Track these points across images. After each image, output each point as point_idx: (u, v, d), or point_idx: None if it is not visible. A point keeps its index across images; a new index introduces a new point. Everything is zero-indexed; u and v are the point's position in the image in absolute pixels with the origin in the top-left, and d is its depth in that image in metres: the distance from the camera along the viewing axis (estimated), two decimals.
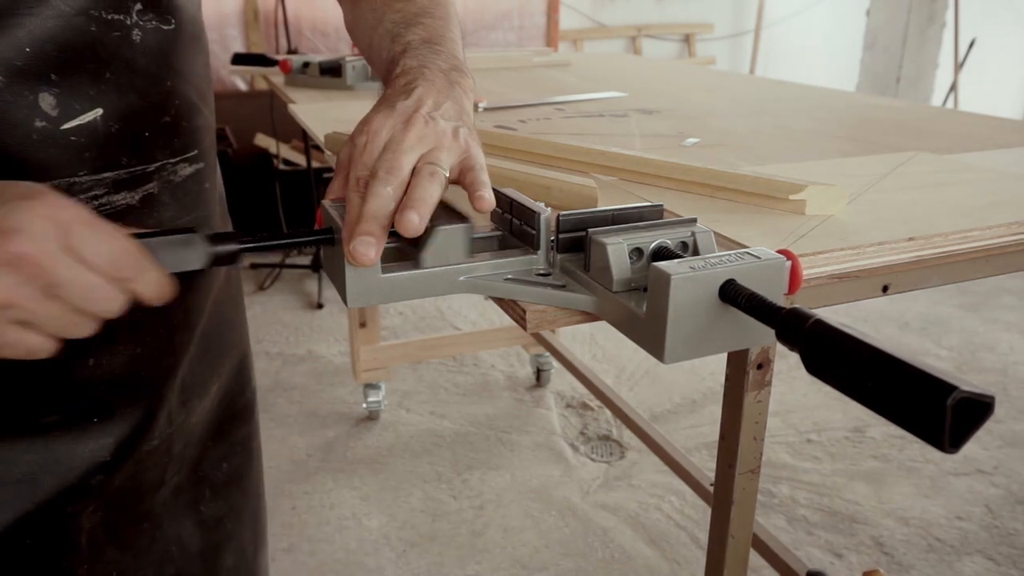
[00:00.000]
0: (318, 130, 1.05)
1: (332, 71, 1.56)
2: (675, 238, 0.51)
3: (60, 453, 0.61)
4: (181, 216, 0.66)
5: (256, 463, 0.86)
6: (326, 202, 0.55)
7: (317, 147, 2.91)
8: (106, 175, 0.59)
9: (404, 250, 0.55)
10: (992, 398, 0.32)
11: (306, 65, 1.61)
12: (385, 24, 0.71)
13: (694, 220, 0.52)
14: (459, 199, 0.56)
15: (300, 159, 3.19)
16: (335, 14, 3.78)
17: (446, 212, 0.54)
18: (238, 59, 2.55)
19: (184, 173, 0.67)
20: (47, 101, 0.54)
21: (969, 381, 0.32)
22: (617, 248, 0.49)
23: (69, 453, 0.62)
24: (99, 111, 0.57)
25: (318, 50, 3.49)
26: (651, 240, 0.50)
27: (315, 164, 3.05)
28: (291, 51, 3.19)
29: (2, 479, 0.59)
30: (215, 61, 3.33)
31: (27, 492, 0.60)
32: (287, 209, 3.10)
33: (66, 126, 0.55)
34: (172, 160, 0.65)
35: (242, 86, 3.49)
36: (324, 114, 1.22)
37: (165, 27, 0.61)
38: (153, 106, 0.62)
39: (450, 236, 0.52)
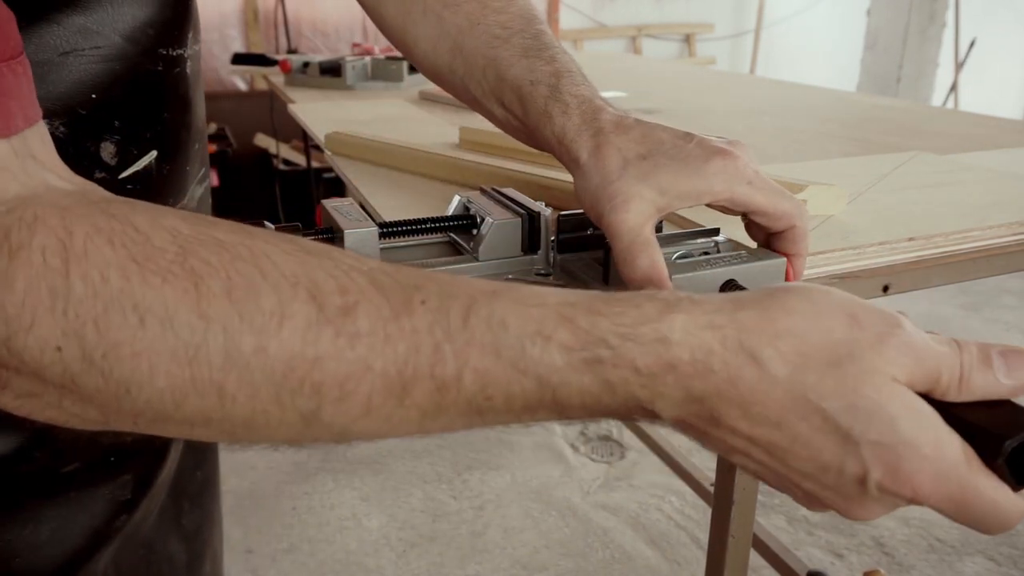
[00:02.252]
0: (318, 130, 1.05)
1: (332, 71, 1.55)
2: (699, 248, 0.51)
3: (83, 501, 0.57)
4: None
5: (218, 464, 0.84)
6: (326, 202, 0.55)
7: (317, 147, 2.91)
8: None
9: (456, 244, 0.55)
10: None
11: (306, 65, 1.61)
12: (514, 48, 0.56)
13: (717, 230, 0.53)
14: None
15: (300, 159, 3.18)
16: (335, 14, 3.77)
17: (502, 205, 0.54)
18: (238, 59, 2.55)
19: (198, 195, 0.63)
20: (108, 150, 0.49)
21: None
22: None
23: (93, 498, 0.57)
24: (154, 153, 0.52)
25: (318, 50, 3.49)
26: (674, 251, 0.50)
27: (315, 164, 3.05)
28: (291, 51, 3.19)
29: (31, 543, 0.54)
30: (215, 61, 3.33)
31: (57, 551, 0.56)
32: (287, 209, 3.10)
33: (125, 174, 0.50)
34: (195, 185, 0.61)
35: (242, 86, 3.49)
36: (324, 114, 1.22)
37: (197, 47, 0.57)
38: (193, 137, 0.57)
39: (504, 229, 0.52)
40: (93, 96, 0.47)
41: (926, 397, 0.32)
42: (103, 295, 0.28)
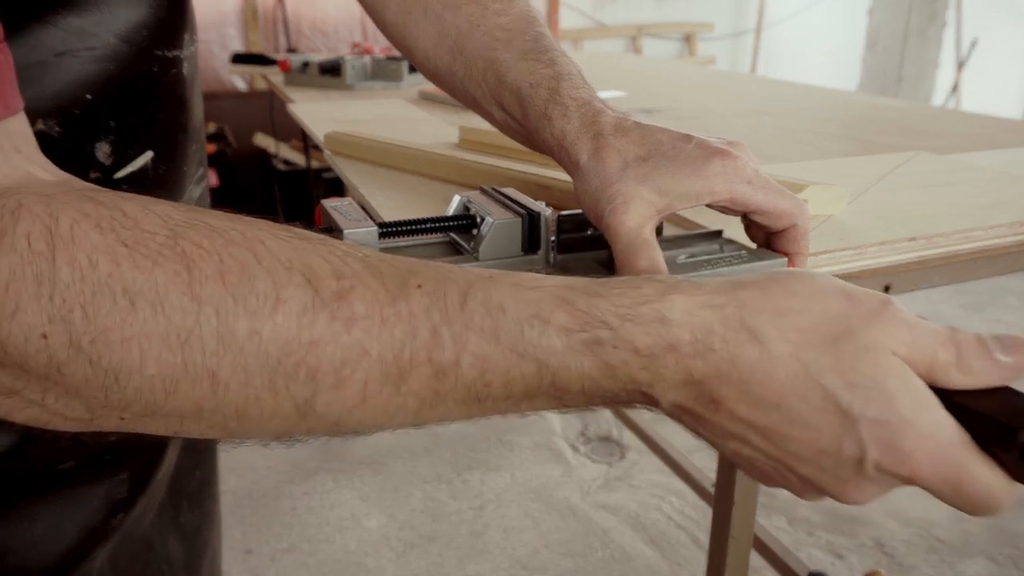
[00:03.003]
0: (318, 130, 1.05)
1: (332, 70, 1.55)
2: (703, 252, 0.51)
3: (80, 497, 0.56)
4: None
5: (217, 464, 0.84)
6: (326, 202, 0.55)
7: (316, 147, 2.91)
8: None
9: (457, 243, 0.54)
10: None
11: (306, 65, 1.61)
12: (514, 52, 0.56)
13: (719, 233, 0.52)
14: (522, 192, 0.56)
15: (299, 159, 3.18)
16: (335, 13, 3.77)
17: (502, 205, 0.54)
18: (238, 59, 2.55)
19: (195, 196, 0.62)
20: (103, 150, 0.48)
21: None
22: None
23: (88, 495, 0.57)
24: (150, 154, 0.52)
25: (317, 49, 3.49)
26: (677, 255, 0.50)
27: (314, 164, 3.05)
28: (290, 50, 3.20)
29: (26, 540, 0.54)
30: (214, 61, 3.33)
31: (51, 548, 0.56)
32: (286, 209, 3.10)
33: (120, 174, 0.50)
34: (192, 185, 0.60)
35: (241, 86, 3.49)
36: (324, 114, 1.22)
37: (193, 48, 0.57)
38: (190, 137, 0.57)
39: (504, 229, 0.52)
40: (88, 96, 0.47)
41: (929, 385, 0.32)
42: (91, 280, 0.27)
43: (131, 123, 0.50)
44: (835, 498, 0.32)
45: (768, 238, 0.49)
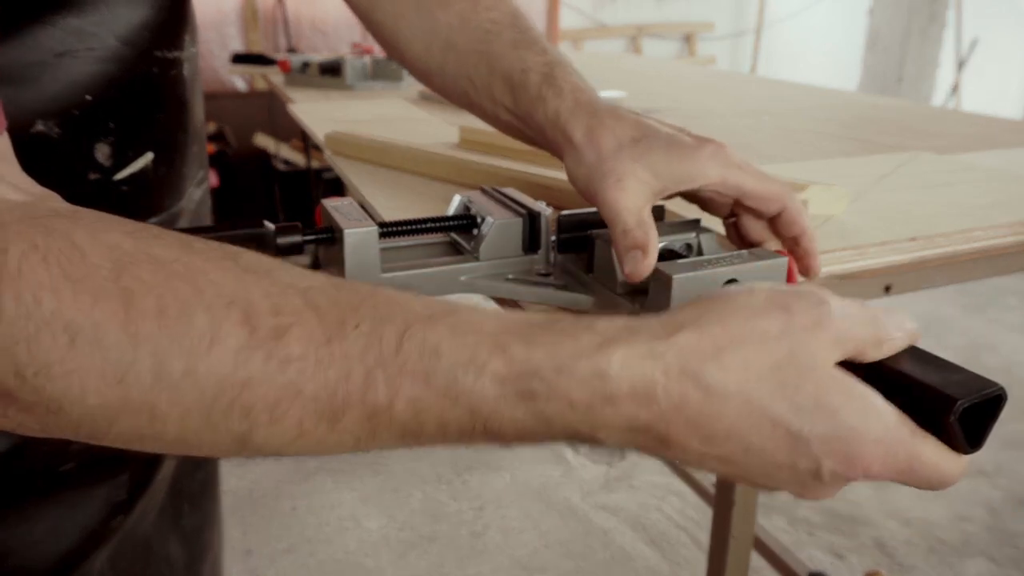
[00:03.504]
0: (318, 129, 1.05)
1: (332, 70, 1.55)
2: (679, 240, 0.51)
3: (80, 499, 0.57)
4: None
5: (218, 466, 0.84)
6: (326, 201, 0.55)
7: (316, 147, 2.91)
8: (151, 220, 0.53)
9: (457, 243, 0.54)
10: (1000, 390, 0.32)
11: (306, 64, 1.61)
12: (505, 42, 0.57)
13: (698, 222, 0.52)
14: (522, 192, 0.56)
15: (299, 159, 3.18)
16: (335, 13, 3.77)
17: (503, 205, 0.54)
18: (238, 59, 2.55)
19: (196, 198, 0.62)
20: (103, 151, 0.49)
21: (976, 379, 0.32)
22: None
23: (88, 497, 0.57)
24: (150, 155, 0.52)
25: (317, 49, 3.49)
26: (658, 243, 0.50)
27: (314, 164, 3.05)
28: (290, 50, 3.19)
29: (26, 541, 0.55)
30: (214, 61, 3.33)
31: (51, 548, 0.56)
32: (286, 209, 3.10)
33: (119, 176, 0.50)
34: (193, 187, 0.60)
35: (241, 86, 3.49)
36: (324, 113, 1.22)
37: (194, 50, 0.58)
38: (191, 139, 0.57)
39: (505, 229, 0.52)
40: (88, 97, 0.47)
41: (857, 365, 0.33)
42: (35, 316, 0.28)
43: (131, 124, 0.50)
44: (796, 496, 0.34)
45: (765, 230, 0.50)
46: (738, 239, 0.51)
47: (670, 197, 0.49)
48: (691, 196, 0.50)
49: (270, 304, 0.30)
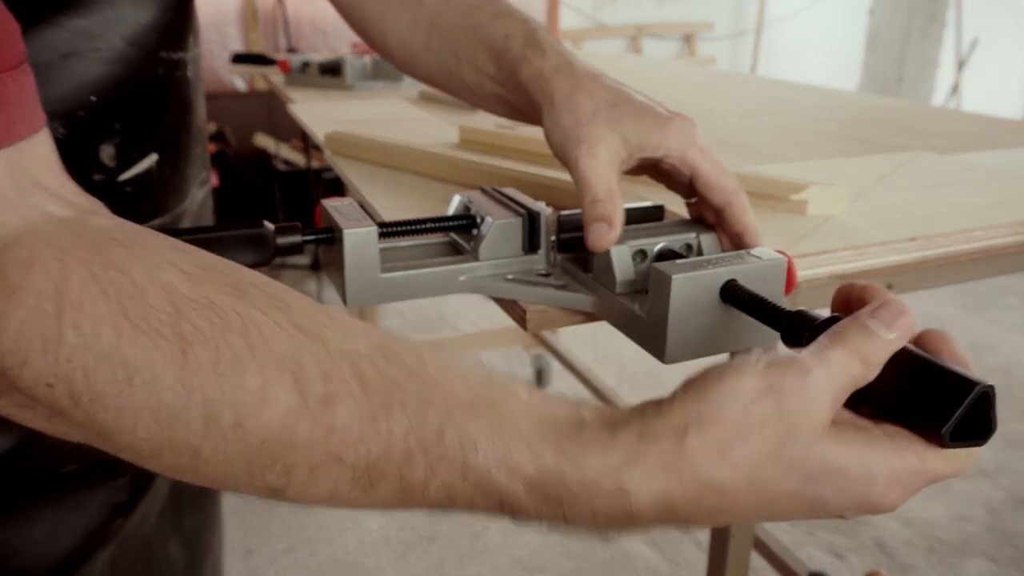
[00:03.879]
0: (318, 130, 1.05)
1: (332, 70, 1.55)
2: (679, 240, 0.51)
3: (81, 501, 0.57)
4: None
5: None
6: (326, 201, 0.55)
7: (316, 147, 2.91)
8: (153, 222, 0.54)
9: (457, 243, 0.54)
10: (994, 427, 0.32)
11: (306, 65, 1.61)
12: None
13: (698, 222, 0.52)
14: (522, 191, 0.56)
15: (299, 159, 3.19)
16: (335, 13, 3.76)
17: (503, 205, 0.54)
18: (238, 59, 2.55)
19: (199, 199, 0.63)
20: (108, 152, 0.49)
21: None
22: (620, 250, 0.49)
23: (89, 499, 0.58)
24: (155, 156, 0.52)
25: (318, 49, 3.49)
26: (655, 243, 0.50)
27: (314, 164, 3.05)
28: (290, 50, 3.19)
29: (27, 541, 0.55)
30: (214, 61, 3.33)
31: (52, 549, 0.56)
32: (286, 209, 3.10)
33: (124, 176, 0.50)
34: (196, 188, 0.61)
35: (241, 86, 3.49)
36: (324, 113, 1.22)
37: (197, 50, 0.58)
38: (194, 140, 0.58)
39: (505, 229, 0.52)
40: (93, 98, 0.47)
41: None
42: (94, 349, 0.29)
43: (136, 125, 0.51)
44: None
45: (714, 216, 0.52)
46: (698, 220, 0.53)
47: (637, 168, 0.52)
48: (654, 170, 0.52)
49: (320, 371, 0.31)
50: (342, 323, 0.33)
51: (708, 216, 0.52)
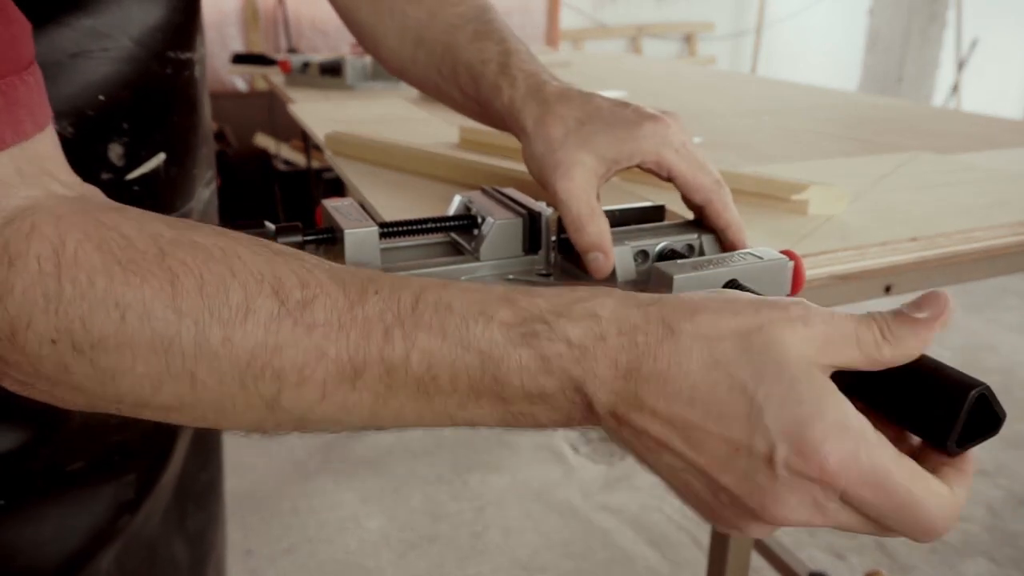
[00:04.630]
0: (318, 130, 1.05)
1: (332, 71, 1.55)
2: (681, 241, 0.50)
3: (86, 500, 0.58)
4: None
5: (223, 465, 0.84)
6: (326, 202, 0.55)
7: (317, 147, 2.91)
8: None
9: (458, 243, 0.54)
10: (1003, 417, 0.32)
11: (306, 65, 1.61)
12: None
13: (699, 222, 0.52)
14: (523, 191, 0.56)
15: (300, 159, 3.18)
16: (335, 13, 3.77)
17: (503, 205, 0.54)
18: (238, 59, 2.55)
19: (205, 198, 0.63)
20: (116, 151, 0.50)
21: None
22: (622, 251, 0.49)
23: (95, 497, 0.58)
24: (163, 156, 0.53)
25: (318, 49, 3.48)
26: (656, 243, 0.50)
27: (315, 164, 3.05)
28: (291, 50, 3.19)
29: (33, 541, 0.56)
30: (215, 61, 3.33)
31: (58, 548, 0.57)
32: (287, 209, 3.10)
33: (131, 176, 0.51)
34: (202, 188, 0.61)
35: (242, 86, 3.49)
36: (324, 114, 1.22)
37: (203, 50, 0.58)
38: (200, 140, 0.59)
39: (505, 229, 0.52)
40: (101, 98, 0.48)
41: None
42: (89, 296, 0.31)
43: (144, 125, 0.51)
44: (759, 516, 0.32)
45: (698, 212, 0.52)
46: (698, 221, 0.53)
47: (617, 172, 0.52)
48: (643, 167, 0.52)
49: (297, 279, 0.33)
50: (317, 256, 0.36)
51: (695, 212, 0.52)
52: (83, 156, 0.47)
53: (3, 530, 0.54)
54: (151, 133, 0.52)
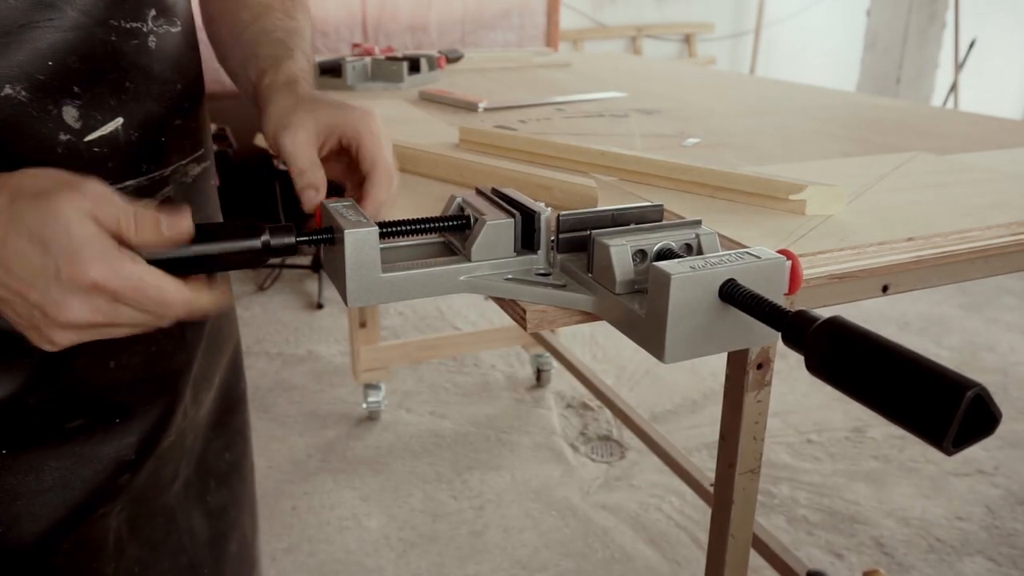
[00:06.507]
0: None
1: (332, 71, 1.56)
2: (679, 240, 0.51)
3: (87, 456, 0.62)
4: (193, 215, 0.67)
5: (250, 451, 0.87)
6: (326, 202, 0.55)
7: None
8: (128, 183, 0.59)
9: (450, 245, 0.54)
10: (999, 417, 0.32)
11: None
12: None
13: (698, 222, 0.52)
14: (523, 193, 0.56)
15: None
16: (335, 13, 3.77)
17: (496, 206, 0.54)
18: None
19: (194, 173, 0.67)
20: (71, 114, 0.55)
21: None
22: (620, 250, 0.49)
23: (95, 455, 0.62)
24: (120, 120, 0.58)
25: (318, 50, 3.49)
26: (655, 242, 0.50)
27: None
28: None
29: (34, 488, 0.60)
30: (215, 61, 3.33)
31: (59, 499, 0.61)
32: (287, 209, 3.10)
33: (89, 137, 0.56)
34: (184, 162, 0.66)
35: None
36: None
37: (173, 30, 0.62)
38: (168, 110, 0.63)
39: (496, 230, 0.52)
40: (50, 63, 0.53)
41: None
42: None
43: (96, 90, 0.56)
44: (55, 320, 0.43)
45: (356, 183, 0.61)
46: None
47: (333, 151, 0.60)
48: (345, 156, 0.61)
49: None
50: None
51: (353, 183, 0.61)
52: (40, 117, 0.53)
53: (5, 475, 0.59)
54: (105, 98, 0.57)
